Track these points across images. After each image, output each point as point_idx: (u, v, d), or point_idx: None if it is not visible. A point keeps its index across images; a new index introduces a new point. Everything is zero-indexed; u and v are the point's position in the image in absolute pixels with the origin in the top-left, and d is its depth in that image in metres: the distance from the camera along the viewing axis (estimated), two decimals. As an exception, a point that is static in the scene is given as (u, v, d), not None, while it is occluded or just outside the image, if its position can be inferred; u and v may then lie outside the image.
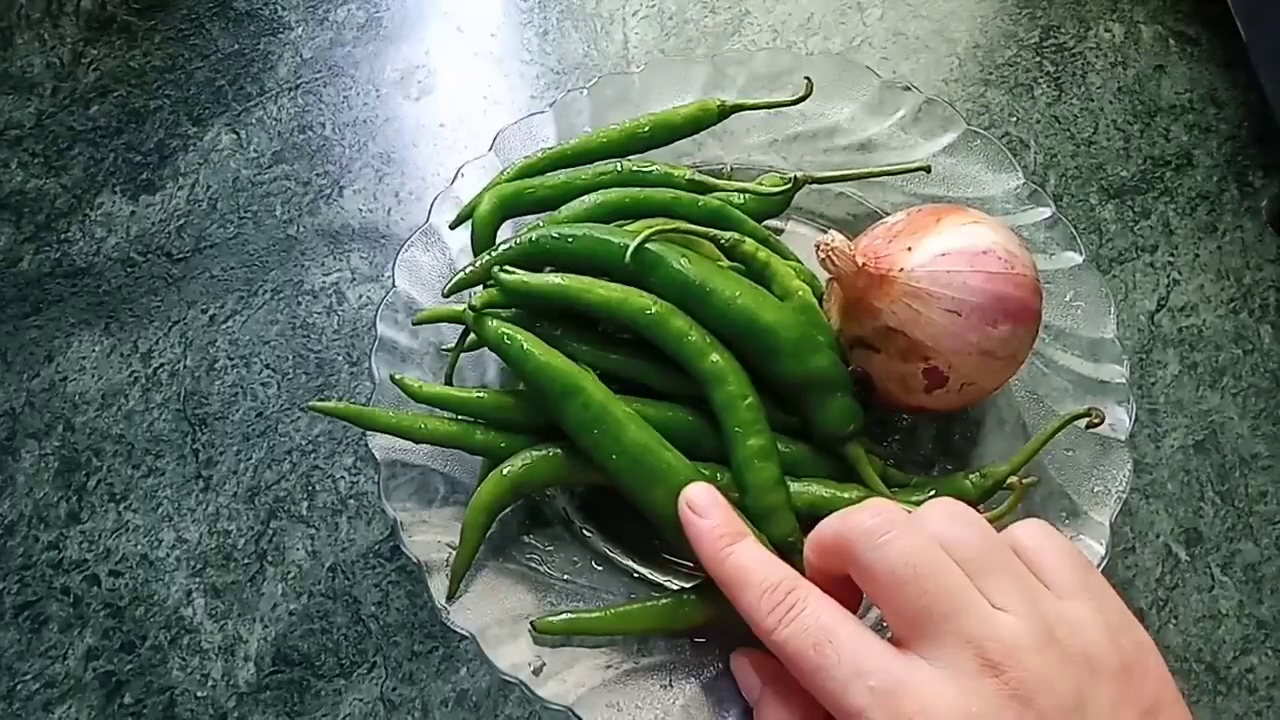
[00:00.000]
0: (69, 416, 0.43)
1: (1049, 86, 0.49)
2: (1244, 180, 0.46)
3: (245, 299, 0.45)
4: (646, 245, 0.33)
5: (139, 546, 0.40)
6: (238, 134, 0.49)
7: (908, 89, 0.41)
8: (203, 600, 0.39)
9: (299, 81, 0.50)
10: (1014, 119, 0.48)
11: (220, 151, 0.49)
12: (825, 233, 0.34)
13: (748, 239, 0.36)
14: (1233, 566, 0.38)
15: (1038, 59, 0.50)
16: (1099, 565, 0.32)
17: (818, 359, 0.33)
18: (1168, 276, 0.44)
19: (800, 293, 0.35)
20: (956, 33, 0.51)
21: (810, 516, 0.34)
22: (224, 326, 0.44)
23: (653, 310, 0.33)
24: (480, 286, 0.36)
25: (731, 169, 0.43)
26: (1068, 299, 0.37)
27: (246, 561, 0.39)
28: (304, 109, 0.50)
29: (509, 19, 0.52)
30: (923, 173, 0.40)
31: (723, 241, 0.35)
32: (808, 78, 0.39)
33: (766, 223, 0.40)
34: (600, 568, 0.36)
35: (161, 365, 0.44)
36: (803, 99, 0.39)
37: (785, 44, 0.50)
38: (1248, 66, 0.48)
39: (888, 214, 0.41)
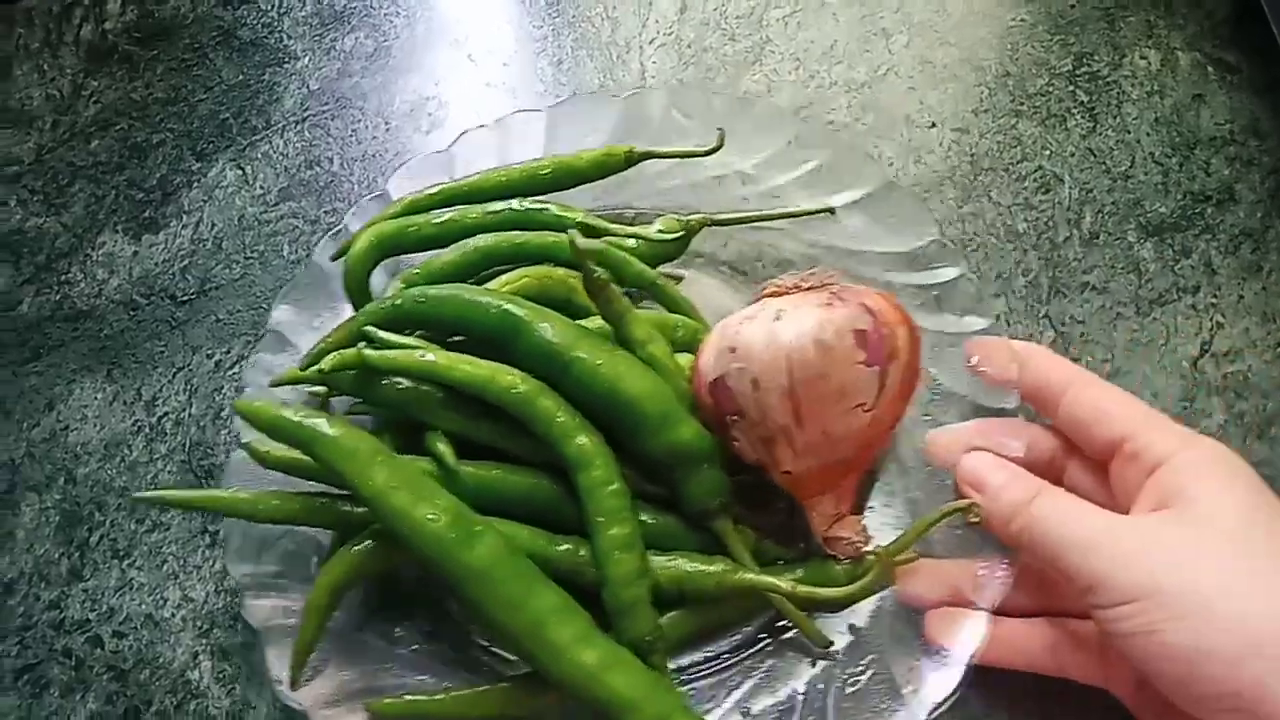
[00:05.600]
0: (70, 468, 0.41)
1: (1083, 117, 0.47)
2: (1288, 216, 0.44)
3: (251, 343, 0.43)
4: (511, 310, 0.32)
5: (143, 606, 0.38)
6: (243, 169, 0.48)
7: (832, 131, 0.40)
8: (209, 663, 0.37)
9: (306, 114, 0.49)
10: (1047, 152, 0.46)
11: (225, 188, 0.47)
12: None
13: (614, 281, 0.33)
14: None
15: (1071, 88, 0.48)
16: (973, 658, 0.30)
17: (680, 431, 0.32)
18: (1210, 320, 0.42)
19: (650, 346, 0.33)
20: (986, 60, 0.49)
21: (674, 594, 0.32)
22: (229, 373, 0.43)
23: (520, 389, 0.31)
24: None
25: (636, 214, 0.41)
26: (973, 363, 0.35)
27: (254, 623, 0.38)
28: (311, 143, 0.48)
29: (522, 48, 0.50)
30: (837, 226, 0.39)
31: (594, 277, 0.33)
32: (720, 129, 0.38)
33: (668, 269, 0.39)
34: (453, 637, 0.34)
35: (166, 414, 0.42)
36: (714, 150, 0.38)
37: (808, 73, 0.49)
38: (1291, 95, 0.46)
39: (794, 263, 0.40)
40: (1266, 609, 0.26)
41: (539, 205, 0.38)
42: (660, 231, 0.38)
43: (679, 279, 0.40)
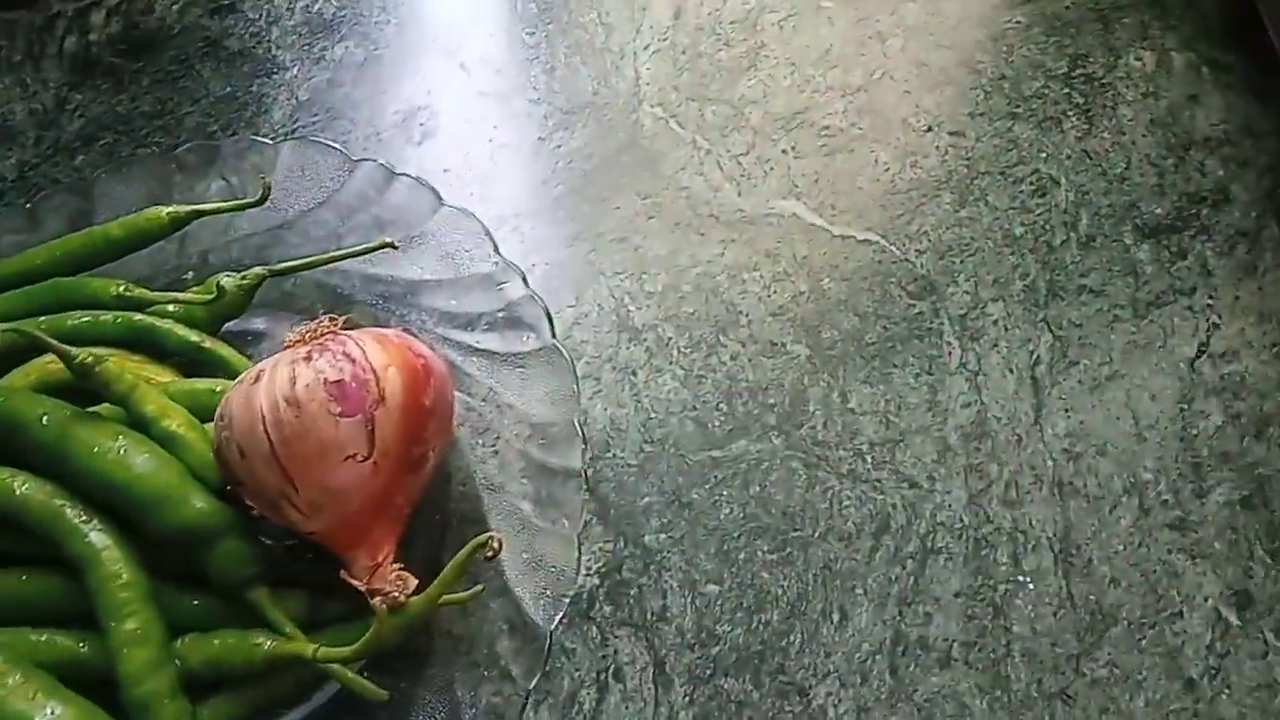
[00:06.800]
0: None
1: (1079, 119, 0.47)
2: (1282, 216, 0.44)
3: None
4: (8, 407, 0.30)
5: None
6: (228, 181, 0.47)
7: (387, 170, 0.40)
8: None
9: (295, 125, 0.48)
10: (1043, 155, 0.46)
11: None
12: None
13: (110, 359, 0.32)
14: (1286, 631, 0.37)
15: (1066, 90, 0.48)
16: (536, 674, 0.30)
17: (183, 509, 0.30)
18: (1207, 320, 0.42)
19: (164, 421, 0.31)
20: (981, 63, 0.49)
21: (210, 674, 0.30)
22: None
23: (16, 492, 0.29)
24: None
25: (191, 273, 0.41)
26: (531, 383, 0.36)
27: None
28: (302, 155, 0.47)
29: (514, 55, 0.50)
30: (405, 260, 0.38)
31: (75, 362, 0.30)
32: (264, 176, 0.38)
33: (249, 324, 0.39)
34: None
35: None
36: (260, 201, 0.38)
37: (803, 78, 0.48)
38: (1283, 95, 0.46)
39: (368, 304, 0.40)
40: None
41: (71, 282, 0.37)
42: (196, 292, 0.37)
43: (253, 335, 0.39)
